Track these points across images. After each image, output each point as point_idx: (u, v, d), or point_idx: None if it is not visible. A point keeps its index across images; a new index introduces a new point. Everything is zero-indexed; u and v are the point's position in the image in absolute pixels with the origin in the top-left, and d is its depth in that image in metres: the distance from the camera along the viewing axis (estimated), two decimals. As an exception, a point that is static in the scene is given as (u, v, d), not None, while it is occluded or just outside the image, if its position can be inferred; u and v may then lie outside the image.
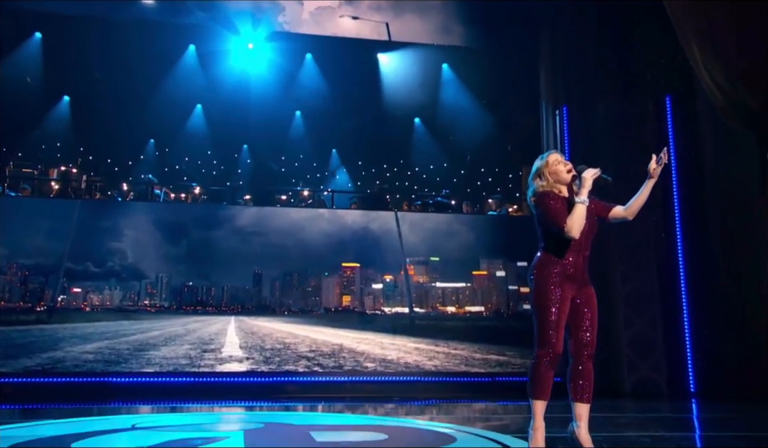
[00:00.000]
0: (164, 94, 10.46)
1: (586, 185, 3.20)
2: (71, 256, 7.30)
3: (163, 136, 11.96)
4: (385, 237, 8.15)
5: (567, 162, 3.36)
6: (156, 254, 7.61)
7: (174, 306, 7.65)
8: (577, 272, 3.21)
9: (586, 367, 3.26)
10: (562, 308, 3.17)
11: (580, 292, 3.24)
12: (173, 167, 12.82)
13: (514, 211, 12.01)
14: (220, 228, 7.80)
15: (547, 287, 3.17)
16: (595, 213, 3.32)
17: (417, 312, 8.17)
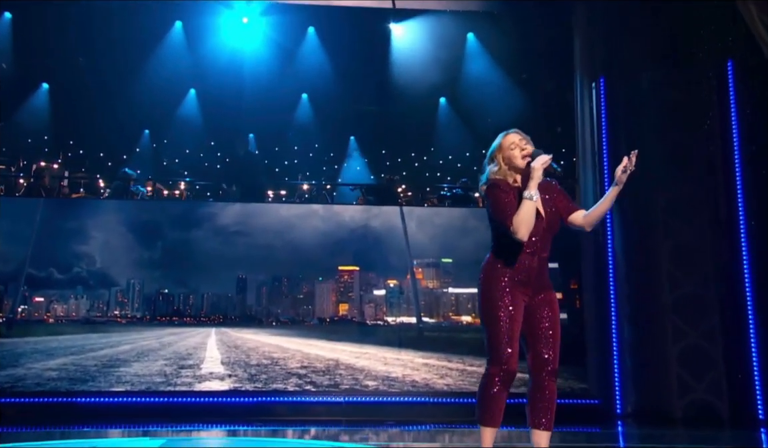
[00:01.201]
0: (152, 78, 10.43)
1: (535, 177, 3.09)
2: (33, 261, 7.30)
3: (155, 126, 12.01)
4: (388, 236, 7.93)
5: (526, 145, 3.24)
6: (127, 259, 7.56)
7: (147, 317, 7.58)
8: (531, 276, 3.16)
9: (548, 387, 3.20)
10: (514, 317, 3.12)
11: (535, 299, 3.20)
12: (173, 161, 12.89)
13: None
14: (200, 228, 7.70)
15: (494, 294, 3.14)
16: (556, 210, 3.24)
17: (426, 322, 7.97)
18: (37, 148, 10.83)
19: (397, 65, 11.16)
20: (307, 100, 12.11)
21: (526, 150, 3.20)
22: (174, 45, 10.21)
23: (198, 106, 11.23)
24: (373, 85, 12.05)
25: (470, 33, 11.12)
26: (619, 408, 7.48)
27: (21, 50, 9.88)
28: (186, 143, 12.24)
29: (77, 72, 10.56)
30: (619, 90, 8.16)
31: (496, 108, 11.47)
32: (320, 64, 10.85)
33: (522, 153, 3.20)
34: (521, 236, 3.06)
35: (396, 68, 11.20)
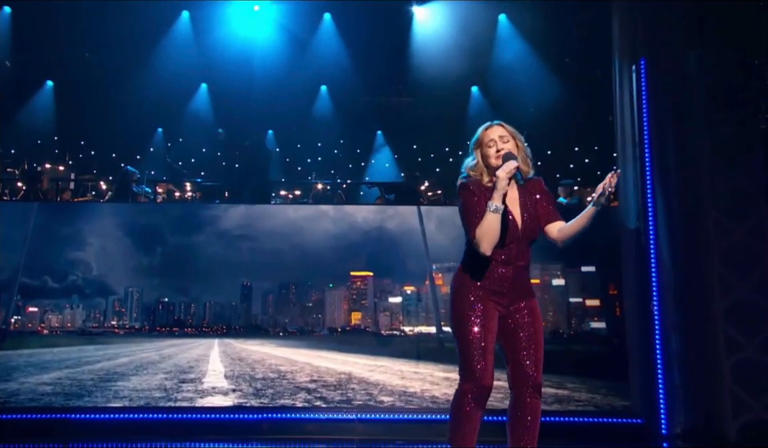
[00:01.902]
0: (161, 73, 10.51)
1: (499, 187, 3.03)
2: (27, 269, 7.36)
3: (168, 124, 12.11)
4: (405, 238, 7.75)
5: (504, 144, 3.21)
6: (125, 265, 7.57)
7: (146, 327, 7.57)
8: (505, 286, 3.16)
9: (530, 404, 3.19)
10: (487, 327, 3.12)
11: (512, 309, 3.19)
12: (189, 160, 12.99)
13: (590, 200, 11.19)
14: (201, 232, 7.66)
15: (464, 304, 3.16)
16: (536, 215, 3.24)
17: (447, 332, 7.71)
18: (43, 149, 11.05)
19: (422, 52, 10.99)
20: (326, 92, 12.05)
21: (504, 149, 3.15)
22: (181, 36, 10.25)
23: (210, 101, 11.29)
24: (398, 75, 11.95)
25: (502, 15, 10.88)
26: (665, 428, 7.15)
27: (22, 46, 10.06)
28: (199, 141, 12.33)
29: (83, 68, 10.72)
30: (662, 73, 7.77)
31: (531, 96, 11.22)
32: (338, 53, 10.75)
33: (499, 152, 3.15)
34: (483, 251, 3.05)
35: (421, 55, 11.04)
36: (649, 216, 7.53)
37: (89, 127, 11.60)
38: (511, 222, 3.22)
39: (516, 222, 3.22)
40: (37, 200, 8.22)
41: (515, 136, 3.27)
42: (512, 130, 3.28)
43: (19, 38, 9.97)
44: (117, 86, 10.74)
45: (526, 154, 3.30)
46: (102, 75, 10.83)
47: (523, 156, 3.28)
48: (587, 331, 7.68)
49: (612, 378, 7.27)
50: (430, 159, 15.20)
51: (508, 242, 3.16)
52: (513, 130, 3.29)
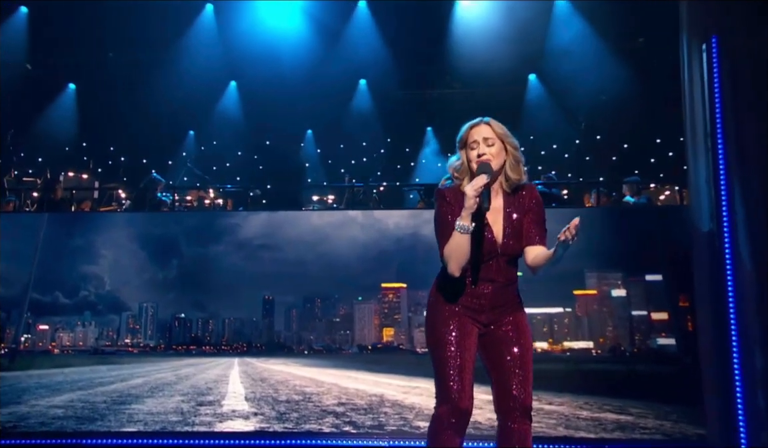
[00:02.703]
0: (188, 71, 10.64)
1: (467, 205, 2.95)
2: (37, 284, 7.52)
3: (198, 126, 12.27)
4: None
5: (488, 147, 3.11)
6: (139, 280, 7.65)
7: (162, 346, 7.63)
8: (485, 303, 3.13)
9: (518, 430, 3.13)
10: (464, 344, 3.09)
11: (494, 326, 3.16)
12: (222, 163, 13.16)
13: (664, 198, 10.76)
14: (219, 242, 7.67)
15: (439, 321, 3.13)
16: (520, 230, 3.16)
17: None
18: (66, 156, 11.35)
19: (468, 39, 10.83)
20: (366, 86, 11.98)
21: (487, 152, 3.08)
22: (206, 31, 10.37)
23: (239, 99, 11.37)
24: (444, 65, 11.79)
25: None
26: (746, 459, 6.76)
27: (42, 48, 10.36)
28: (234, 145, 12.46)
29: (106, 69, 10.97)
30: (736, 53, 7.36)
31: (594, 81, 10.90)
32: (375, 44, 10.68)
33: (477, 159, 3.09)
34: (451, 272, 3.02)
35: (468, 42, 10.87)
36: (724, 216, 7.14)
37: (115, 132, 11.88)
38: (488, 239, 3.14)
39: (494, 239, 3.14)
40: (50, 210, 8.40)
41: (504, 137, 3.16)
42: (502, 130, 3.18)
43: (38, 39, 10.28)
44: (143, 87, 10.95)
45: (515, 159, 3.18)
46: (126, 75, 11.07)
47: (511, 162, 3.17)
48: (654, 348, 7.39)
49: (684, 402, 6.95)
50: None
51: (486, 258, 3.12)
52: (503, 130, 3.18)
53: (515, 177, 3.18)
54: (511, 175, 3.17)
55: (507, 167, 3.16)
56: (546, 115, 12.75)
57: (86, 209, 8.94)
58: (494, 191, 3.17)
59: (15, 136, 9.68)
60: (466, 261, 3.05)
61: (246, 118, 11.96)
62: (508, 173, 3.16)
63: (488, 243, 3.13)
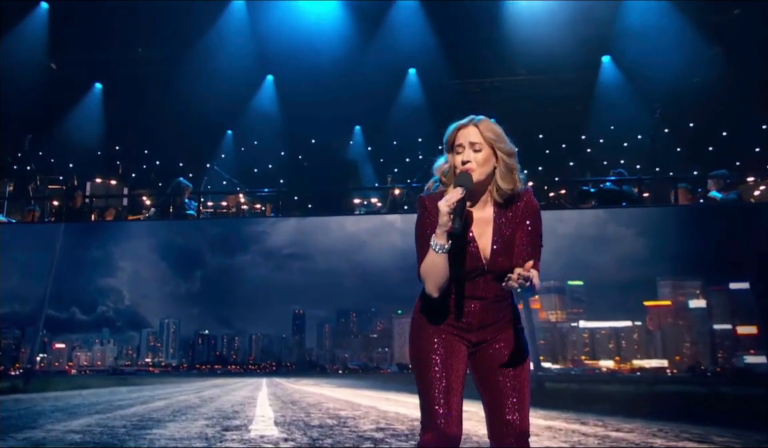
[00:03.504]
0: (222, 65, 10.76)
1: (441, 222, 2.87)
2: (53, 299, 7.68)
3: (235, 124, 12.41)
4: None
5: (474, 153, 3.02)
6: (160, 293, 7.72)
7: (184, 365, 7.67)
8: (472, 321, 3.09)
9: None
10: (450, 365, 3.07)
11: (484, 347, 3.14)
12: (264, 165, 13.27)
13: (759, 195, 10.27)
14: (246, 251, 7.69)
15: (422, 340, 3.12)
16: (511, 245, 3.07)
17: (548, 369, 7.50)
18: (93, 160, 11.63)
19: (526, 21, 10.62)
20: (416, 76, 11.89)
21: (466, 164, 2.99)
22: (237, 22, 10.44)
23: (277, 95, 11.44)
24: (502, 51, 11.62)
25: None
26: None
27: (64, 46, 10.64)
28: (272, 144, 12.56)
29: (134, 66, 11.22)
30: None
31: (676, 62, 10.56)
32: (421, 31, 10.58)
33: (462, 166, 3.00)
34: (429, 292, 3.00)
35: (526, 25, 10.66)
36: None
37: (145, 133, 12.12)
38: (472, 255, 3.03)
39: (480, 254, 3.02)
40: (69, 220, 8.60)
41: (495, 142, 3.02)
42: (493, 133, 3.04)
43: (61, 37, 10.56)
44: (174, 84, 11.13)
45: (507, 167, 3.03)
46: (156, 72, 11.28)
47: (502, 170, 3.03)
48: (740, 367, 7.06)
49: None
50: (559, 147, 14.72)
51: (471, 275, 3.02)
52: (494, 133, 3.04)
53: (506, 187, 3.03)
54: (501, 184, 3.02)
55: (497, 176, 3.02)
56: (622, 102, 12.43)
57: (109, 218, 9.12)
58: (483, 202, 3.06)
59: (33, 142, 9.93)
60: (444, 281, 2.98)
61: (285, 115, 12.01)
62: (499, 183, 3.02)
63: (473, 259, 3.03)
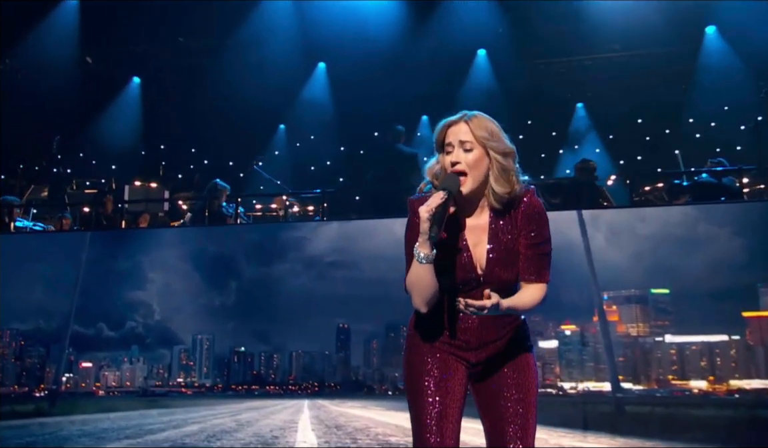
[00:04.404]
0: (268, 54, 10.87)
1: (422, 229, 2.89)
2: (79, 314, 7.88)
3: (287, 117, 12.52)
4: (560, 257, 7.17)
5: (465, 153, 3.00)
6: (193, 307, 7.81)
7: (219, 386, 7.72)
8: (470, 339, 3.10)
9: None
10: (447, 388, 3.08)
11: (485, 367, 3.15)
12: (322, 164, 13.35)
13: None
14: (284, 260, 7.72)
15: (417, 358, 3.14)
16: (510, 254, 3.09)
17: (628, 390, 7.32)
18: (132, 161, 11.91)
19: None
20: (486, 58, 11.75)
21: (456, 165, 2.98)
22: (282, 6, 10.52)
23: (329, 84, 11.47)
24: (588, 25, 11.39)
25: None
26: None
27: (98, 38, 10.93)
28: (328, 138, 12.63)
29: (174, 57, 11.44)
30: None
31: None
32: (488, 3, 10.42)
33: (452, 168, 3.00)
34: (416, 307, 3.02)
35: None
36: None
37: (189, 131, 12.33)
38: (464, 265, 3.04)
39: (474, 265, 3.04)
40: (97, 229, 8.83)
41: (487, 140, 2.99)
42: (486, 130, 3.00)
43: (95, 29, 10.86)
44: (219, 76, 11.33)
45: (501, 168, 3.02)
46: (199, 65, 11.49)
47: (496, 172, 3.01)
48: None
49: None
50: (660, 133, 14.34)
51: (465, 288, 3.03)
52: (488, 130, 3.00)
53: (502, 190, 3.01)
54: (496, 187, 3.01)
55: (491, 179, 3.00)
56: (731, 79, 12.01)
57: (143, 225, 9.33)
58: (479, 207, 3.07)
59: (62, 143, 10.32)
60: (431, 295, 2.98)
61: (340, 107, 12.05)
62: (493, 186, 3.00)
63: (465, 270, 3.03)
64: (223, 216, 8.64)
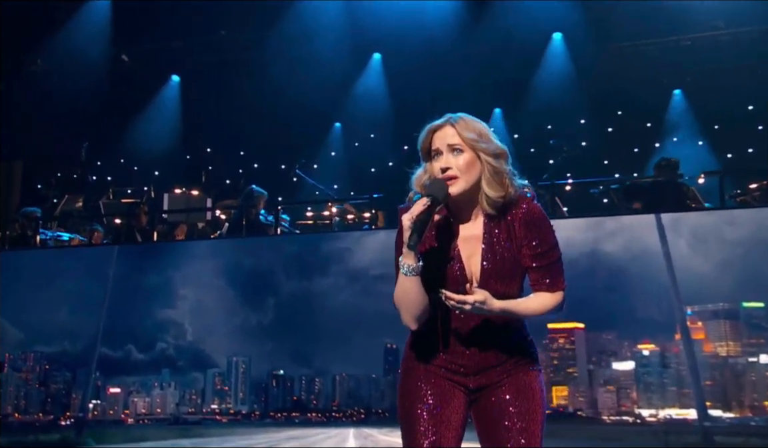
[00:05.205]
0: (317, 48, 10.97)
1: (405, 238, 2.94)
2: (106, 336, 8.02)
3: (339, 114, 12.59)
4: (636, 267, 7.30)
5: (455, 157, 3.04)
6: (228, 326, 7.86)
7: (256, 412, 7.73)
8: (468, 364, 3.13)
9: None
10: (443, 417, 3.10)
11: (486, 393, 3.16)
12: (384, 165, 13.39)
13: None
14: (326, 273, 7.73)
15: (411, 384, 3.16)
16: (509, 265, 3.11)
17: (717, 419, 7.19)
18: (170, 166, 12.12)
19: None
20: (562, 41, 11.63)
21: (447, 171, 3.01)
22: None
23: (385, 77, 11.50)
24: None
25: None
26: None
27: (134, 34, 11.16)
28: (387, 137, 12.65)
29: (217, 52, 11.61)
30: None
31: None
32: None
33: (442, 174, 3.02)
34: (405, 323, 3.09)
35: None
36: None
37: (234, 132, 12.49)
38: (455, 278, 3.06)
39: (467, 277, 3.05)
40: (129, 242, 9.00)
41: (476, 142, 3.02)
42: (474, 132, 3.03)
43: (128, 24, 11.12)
44: (267, 71, 11.46)
45: (493, 171, 3.05)
46: (244, 59, 11.65)
47: (488, 176, 3.05)
48: None
49: None
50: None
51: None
52: (476, 131, 3.03)
53: (495, 194, 3.04)
54: (489, 192, 3.04)
55: (483, 183, 3.04)
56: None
57: (180, 237, 9.47)
58: (473, 215, 3.11)
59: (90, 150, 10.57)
60: (420, 311, 3.01)
61: (398, 101, 12.07)
62: (486, 190, 3.03)
63: (458, 283, 3.04)
64: (262, 225, 8.70)
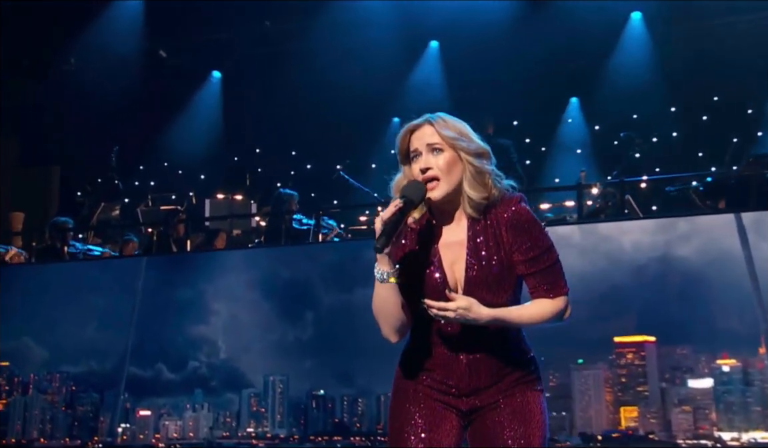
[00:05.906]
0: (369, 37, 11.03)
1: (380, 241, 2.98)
2: (135, 354, 8.14)
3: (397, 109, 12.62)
4: (713, 273, 7.16)
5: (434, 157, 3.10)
6: (263, 343, 7.88)
7: (295, 436, 7.72)
8: (460, 385, 3.17)
9: None
10: (433, 439, 3.16)
11: (481, 415, 3.20)
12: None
13: None
14: (368, 284, 7.71)
15: (400, 404, 3.23)
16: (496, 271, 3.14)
17: None
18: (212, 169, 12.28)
19: None
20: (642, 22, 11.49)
21: (427, 171, 3.06)
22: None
23: (443, 67, 11.49)
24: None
25: None
26: None
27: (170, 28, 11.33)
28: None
29: (260, 45, 11.73)
30: None
31: None
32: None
33: (426, 171, 3.07)
34: (385, 336, 3.15)
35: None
36: None
37: (281, 131, 12.60)
38: (436, 285, 3.09)
39: (449, 284, 3.08)
40: (164, 253, 9.13)
41: (456, 141, 3.07)
42: (453, 130, 3.08)
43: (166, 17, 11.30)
44: (317, 63, 11.55)
45: (475, 170, 3.10)
46: (291, 51, 11.75)
47: (469, 177, 3.10)
48: None
49: None
50: None
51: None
52: (456, 129, 3.08)
53: (478, 196, 3.10)
54: (471, 193, 3.09)
55: (464, 184, 3.08)
56: None
57: (220, 246, 9.57)
58: (456, 219, 3.16)
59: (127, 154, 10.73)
60: (399, 322, 3.09)
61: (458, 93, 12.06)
62: (468, 192, 3.08)
63: (438, 290, 3.06)
64: (296, 232, 8.76)
